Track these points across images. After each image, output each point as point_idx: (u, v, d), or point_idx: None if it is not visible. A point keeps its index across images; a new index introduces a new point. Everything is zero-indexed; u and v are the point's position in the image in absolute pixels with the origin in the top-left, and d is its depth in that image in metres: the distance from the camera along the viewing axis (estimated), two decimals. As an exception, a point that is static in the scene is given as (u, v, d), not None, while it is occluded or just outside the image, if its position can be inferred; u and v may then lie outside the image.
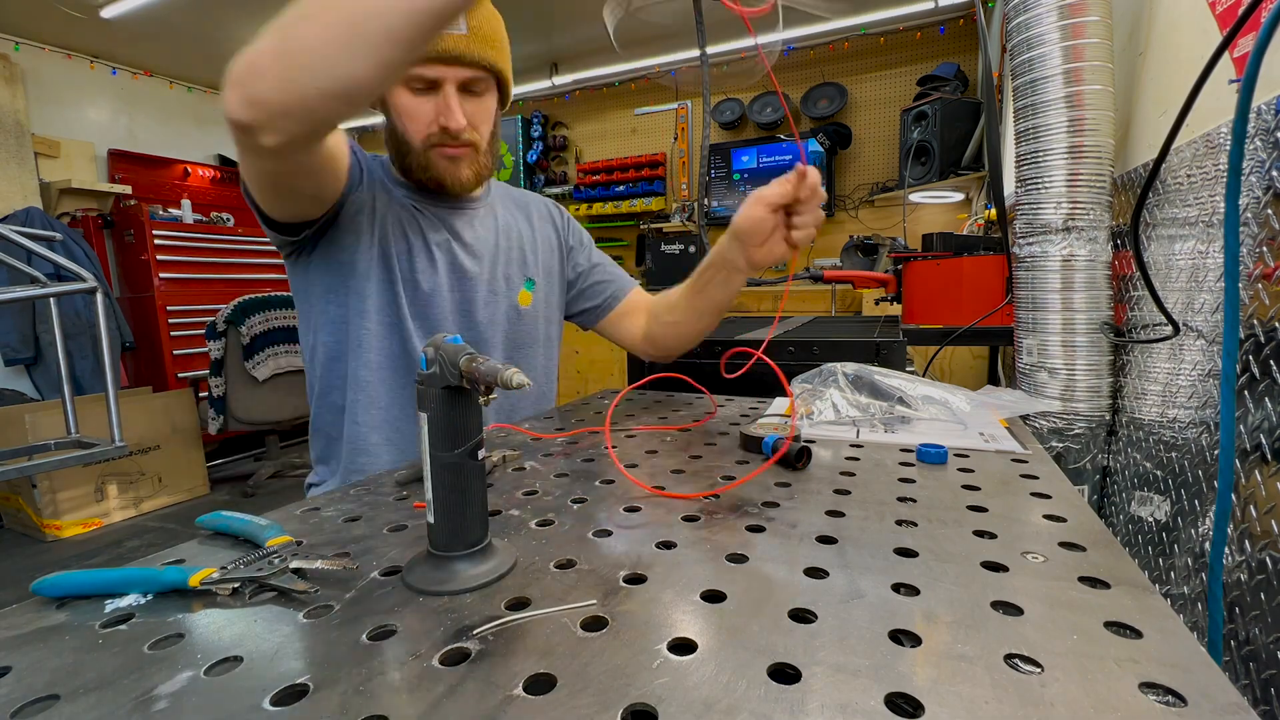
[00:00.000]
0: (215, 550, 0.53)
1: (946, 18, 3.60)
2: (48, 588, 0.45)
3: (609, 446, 0.77)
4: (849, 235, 3.75)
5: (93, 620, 0.41)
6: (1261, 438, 0.77)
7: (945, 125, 3.10)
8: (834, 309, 3.26)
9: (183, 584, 0.44)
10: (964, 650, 0.34)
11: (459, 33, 0.84)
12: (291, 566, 0.45)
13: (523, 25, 3.77)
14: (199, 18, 3.55)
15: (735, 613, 0.39)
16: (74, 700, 0.33)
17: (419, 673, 0.34)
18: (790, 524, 0.53)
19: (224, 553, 0.52)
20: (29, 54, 3.77)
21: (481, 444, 0.45)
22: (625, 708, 0.30)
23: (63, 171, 3.85)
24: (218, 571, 0.45)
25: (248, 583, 0.45)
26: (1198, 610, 0.93)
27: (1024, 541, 0.48)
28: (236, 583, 0.44)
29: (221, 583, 0.44)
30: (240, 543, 0.54)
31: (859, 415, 0.88)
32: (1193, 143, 0.96)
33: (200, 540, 0.55)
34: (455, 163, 0.94)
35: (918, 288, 1.77)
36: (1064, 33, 1.16)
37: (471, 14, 0.86)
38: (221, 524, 0.56)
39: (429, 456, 0.44)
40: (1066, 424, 1.25)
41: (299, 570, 0.45)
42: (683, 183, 4.22)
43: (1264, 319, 0.77)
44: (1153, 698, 0.30)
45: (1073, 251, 1.21)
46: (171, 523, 3.14)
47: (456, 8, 0.62)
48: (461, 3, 0.62)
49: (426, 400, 0.44)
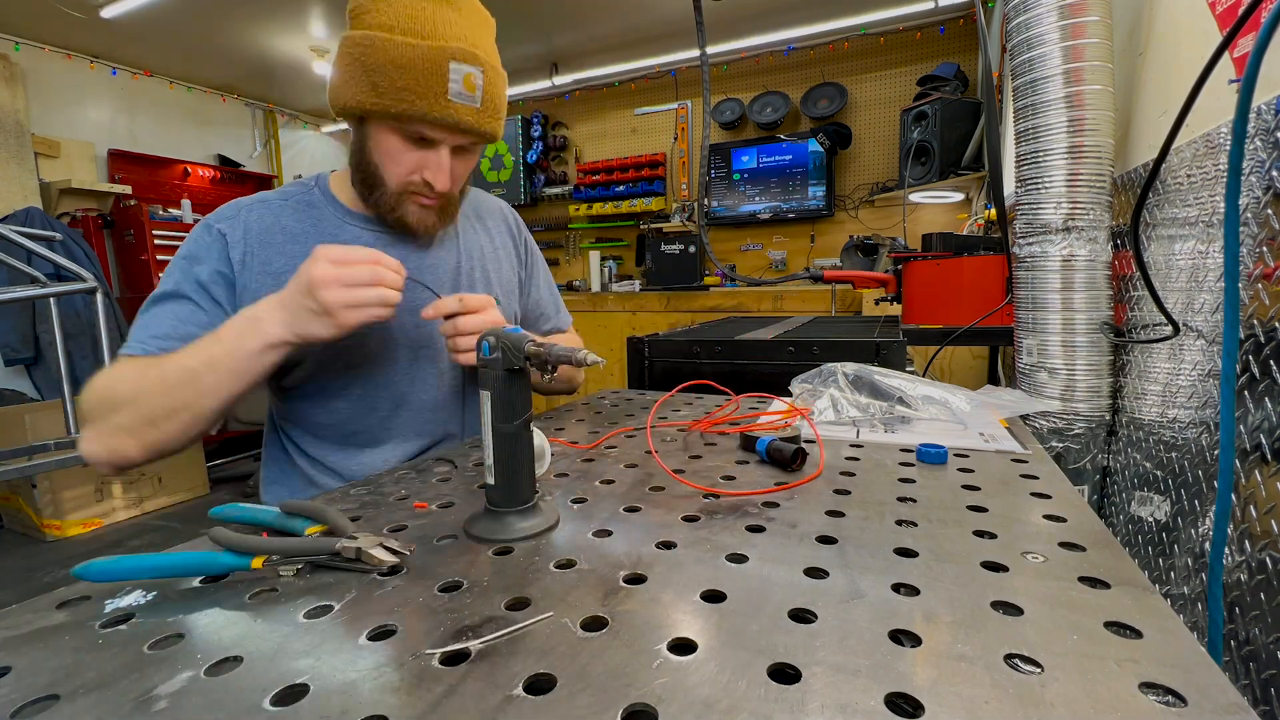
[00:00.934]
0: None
1: (946, 18, 3.60)
2: (95, 572, 0.44)
3: (651, 451, 0.77)
4: (849, 235, 3.75)
5: (93, 620, 0.41)
6: (1261, 438, 0.76)
7: (945, 125, 3.10)
8: (834, 309, 3.26)
9: (244, 566, 0.45)
10: (964, 650, 0.34)
11: (472, 105, 0.80)
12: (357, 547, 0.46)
13: (523, 25, 3.77)
14: (199, 18, 3.55)
15: (735, 613, 0.39)
16: (74, 700, 0.33)
17: (419, 673, 0.34)
18: (790, 524, 0.53)
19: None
20: (29, 54, 3.76)
21: (532, 418, 0.55)
22: (625, 708, 0.30)
23: (63, 171, 3.85)
24: (276, 556, 0.46)
25: (309, 565, 0.47)
26: (1198, 610, 0.93)
27: (1024, 541, 0.48)
28: (300, 564, 0.46)
29: (284, 564, 0.46)
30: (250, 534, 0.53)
31: (859, 415, 0.88)
32: (1193, 143, 0.96)
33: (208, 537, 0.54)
34: (427, 211, 0.88)
35: (918, 288, 1.77)
36: (1064, 33, 1.16)
37: (489, 83, 0.81)
38: (240, 515, 0.55)
39: (491, 429, 0.53)
40: (1066, 424, 1.25)
41: (361, 551, 0.46)
42: (683, 183, 4.22)
43: (1264, 319, 0.77)
44: (1153, 698, 0.30)
45: (1073, 251, 1.21)
46: (174, 522, 3.14)
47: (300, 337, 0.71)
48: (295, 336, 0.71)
49: (489, 380, 0.52)
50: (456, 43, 0.77)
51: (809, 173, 3.94)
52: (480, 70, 0.79)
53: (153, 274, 3.78)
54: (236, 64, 4.27)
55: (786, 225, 4.15)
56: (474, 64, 0.78)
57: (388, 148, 0.82)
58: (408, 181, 0.85)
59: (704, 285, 3.83)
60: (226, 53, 4.08)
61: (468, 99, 0.79)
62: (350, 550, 0.46)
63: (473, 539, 0.52)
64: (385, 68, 0.75)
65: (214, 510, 0.57)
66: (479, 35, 0.81)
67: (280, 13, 3.54)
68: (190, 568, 0.45)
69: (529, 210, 4.95)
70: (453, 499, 0.63)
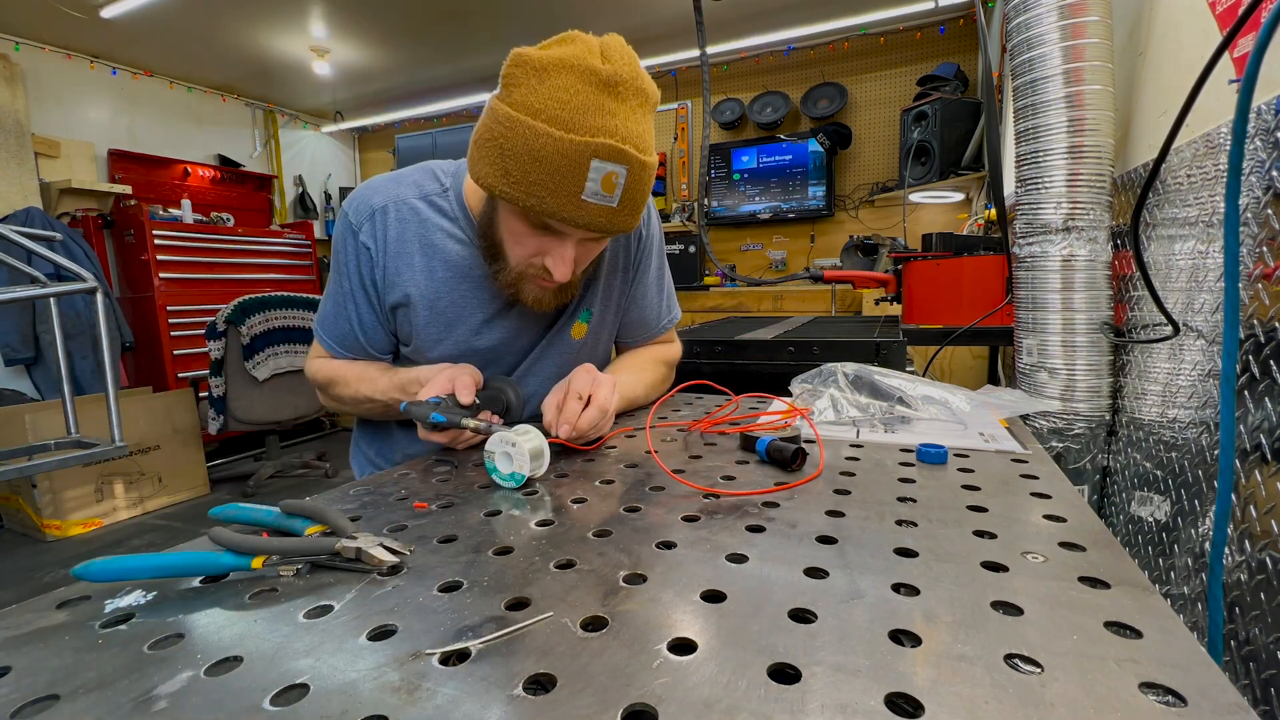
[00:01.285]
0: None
1: (946, 18, 3.60)
2: (95, 572, 0.43)
3: (651, 451, 0.77)
4: (849, 235, 3.76)
5: (93, 620, 0.41)
6: (1261, 438, 0.76)
7: (945, 125, 3.10)
8: (834, 309, 3.26)
9: (244, 566, 0.45)
10: (964, 650, 0.34)
11: (608, 206, 0.72)
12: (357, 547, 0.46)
13: (522, 25, 3.77)
14: (199, 18, 3.55)
15: (735, 613, 0.39)
16: (74, 700, 0.33)
17: (419, 673, 0.34)
18: (790, 524, 0.53)
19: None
20: (29, 54, 3.76)
21: None
22: (625, 708, 0.30)
23: (63, 171, 3.85)
24: (275, 556, 0.46)
25: (309, 565, 0.47)
26: (1198, 610, 0.93)
27: (1024, 541, 0.48)
28: (300, 564, 0.46)
29: (284, 564, 0.46)
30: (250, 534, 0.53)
31: (859, 415, 0.88)
32: (1193, 143, 0.96)
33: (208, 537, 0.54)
34: (545, 291, 0.86)
35: (918, 288, 1.77)
36: (1064, 33, 1.16)
37: (633, 179, 0.72)
38: (240, 515, 0.55)
39: None
40: (1066, 424, 1.25)
41: (361, 551, 0.46)
42: (683, 183, 4.22)
43: (1264, 319, 0.77)
44: (1153, 698, 0.30)
45: (1073, 251, 1.21)
46: (175, 521, 3.14)
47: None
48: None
49: None
50: (605, 138, 0.68)
51: (809, 173, 3.94)
52: (625, 169, 0.70)
53: (153, 274, 3.78)
54: (236, 64, 4.27)
55: (786, 225, 4.15)
56: (619, 162, 0.70)
57: (513, 228, 0.80)
58: (529, 263, 0.82)
59: (704, 285, 3.83)
60: (226, 53, 4.08)
61: (603, 199, 0.71)
62: (350, 550, 0.46)
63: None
64: (520, 156, 0.69)
65: (214, 510, 0.57)
66: (635, 126, 0.71)
67: (280, 13, 3.54)
68: (190, 568, 0.45)
69: (529, 210, 4.94)
70: (453, 499, 0.63)
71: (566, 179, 0.69)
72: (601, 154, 0.68)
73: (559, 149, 0.68)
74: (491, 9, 3.54)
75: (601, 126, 0.68)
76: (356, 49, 4.06)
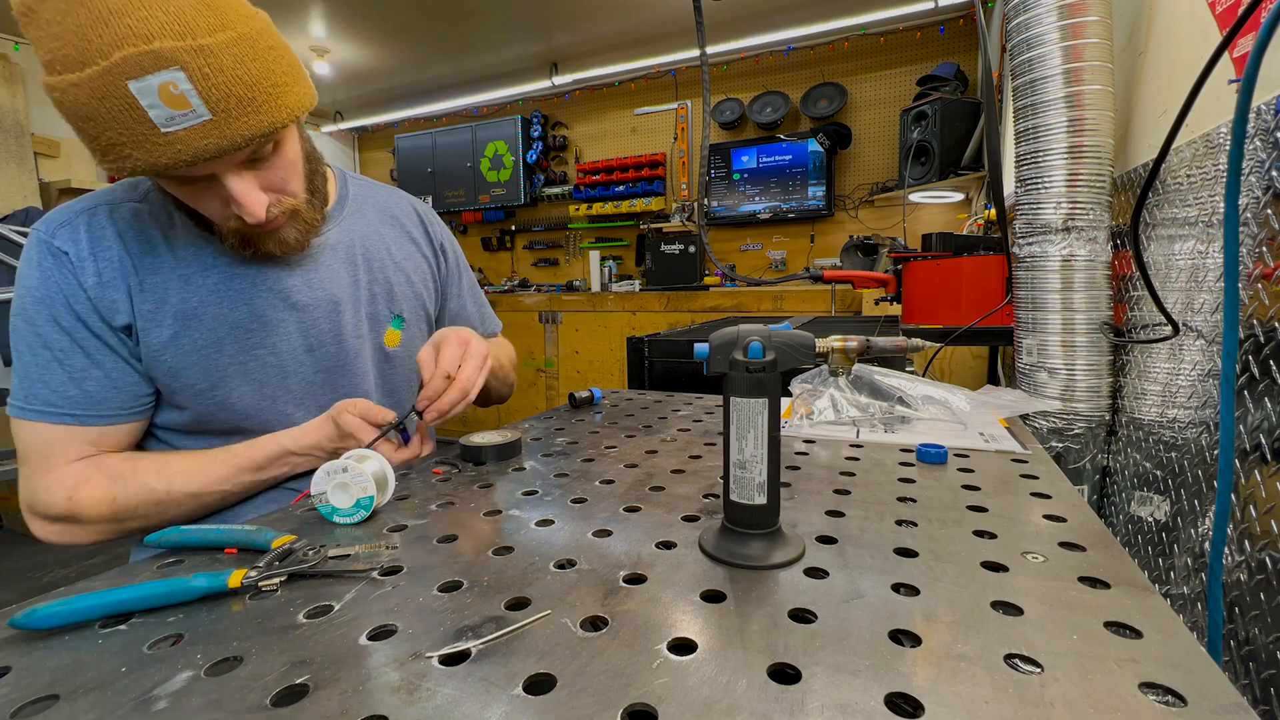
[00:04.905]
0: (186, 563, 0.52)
1: (946, 18, 3.60)
2: (39, 620, 0.38)
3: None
4: (849, 235, 3.75)
5: (93, 620, 0.41)
6: (1261, 438, 0.76)
7: (945, 125, 3.10)
8: (834, 309, 3.26)
9: (221, 588, 0.42)
10: (964, 650, 0.34)
11: (194, 124, 0.57)
12: (331, 554, 0.46)
13: (523, 25, 3.77)
14: (199, 18, 3.56)
15: (735, 613, 0.39)
16: (74, 700, 0.33)
17: (419, 673, 0.34)
18: (790, 524, 0.53)
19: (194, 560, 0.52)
20: (29, 54, 3.76)
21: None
22: (625, 708, 0.30)
23: (62, 171, 3.84)
24: (253, 570, 0.44)
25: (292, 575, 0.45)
26: (1198, 610, 0.93)
27: (1024, 541, 0.48)
28: (283, 576, 0.45)
29: (267, 578, 0.44)
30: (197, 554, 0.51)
31: (859, 415, 0.88)
32: (1193, 143, 0.96)
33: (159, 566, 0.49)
34: (276, 233, 0.74)
35: (917, 288, 1.77)
36: (1064, 33, 1.16)
37: (203, 75, 0.56)
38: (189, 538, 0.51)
39: (767, 439, 0.45)
40: (1066, 424, 1.25)
41: (339, 558, 0.46)
42: (683, 183, 4.22)
43: (1264, 319, 0.77)
44: (1153, 698, 0.30)
45: (1073, 251, 1.21)
46: (171, 523, 3.14)
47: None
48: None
49: (769, 386, 0.44)
50: (122, 50, 0.53)
51: (809, 173, 3.94)
52: (179, 69, 0.54)
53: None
54: (236, 64, 4.27)
55: (786, 225, 4.15)
56: (159, 68, 0.54)
57: (180, 194, 0.68)
58: (226, 218, 0.69)
59: (704, 285, 3.83)
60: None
61: (188, 118, 0.56)
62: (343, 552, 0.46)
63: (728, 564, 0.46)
64: (78, 125, 0.57)
65: (150, 538, 0.51)
66: (158, 10, 0.54)
67: (280, 12, 3.54)
68: (157, 598, 0.41)
69: (529, 210, 4.95)
70: (453, 499, 0.63)
71: (126, 122, 0.55)
72: (129, 72, 0.53)
73: (90, 94, 0.54)
74: (492, 9, 3.54)
75: (111, 39, 0.53)
76: (356, 49, 4.06)
